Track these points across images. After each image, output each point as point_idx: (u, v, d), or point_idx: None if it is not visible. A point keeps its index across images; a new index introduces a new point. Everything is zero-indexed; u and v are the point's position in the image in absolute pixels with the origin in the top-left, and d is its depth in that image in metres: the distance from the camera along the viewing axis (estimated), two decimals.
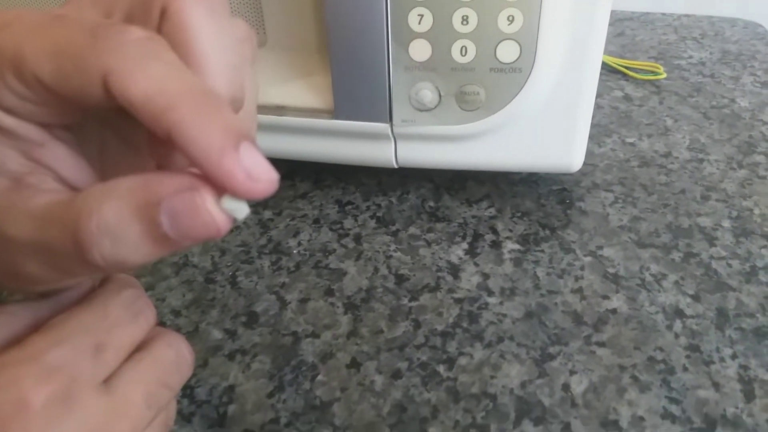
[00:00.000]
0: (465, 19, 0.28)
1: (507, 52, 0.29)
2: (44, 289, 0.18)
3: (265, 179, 0.14)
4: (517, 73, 0.29)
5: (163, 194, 0.14)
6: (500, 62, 0.29)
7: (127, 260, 0.15)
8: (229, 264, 0.33)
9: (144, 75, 0.14)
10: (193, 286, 0.32)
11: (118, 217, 0.14)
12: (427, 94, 0.31)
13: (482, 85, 0.30)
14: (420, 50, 0.29)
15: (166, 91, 0.14)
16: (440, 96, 0.31)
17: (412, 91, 0.31)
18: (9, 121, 0.15)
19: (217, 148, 0.14)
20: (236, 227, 0.36)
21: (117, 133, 0.19)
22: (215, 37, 0.16)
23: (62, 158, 0.17)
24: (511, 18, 0.28)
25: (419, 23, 0.28)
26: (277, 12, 0.32)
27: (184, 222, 0.14)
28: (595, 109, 0.45)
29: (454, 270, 0.32)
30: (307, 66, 0.33)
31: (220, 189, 0.14)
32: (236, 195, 0.14)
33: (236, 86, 0.16)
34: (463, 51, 0.29)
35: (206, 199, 0.14)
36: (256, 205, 0.37)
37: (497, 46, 0.29)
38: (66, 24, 0.14)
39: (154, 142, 0.16)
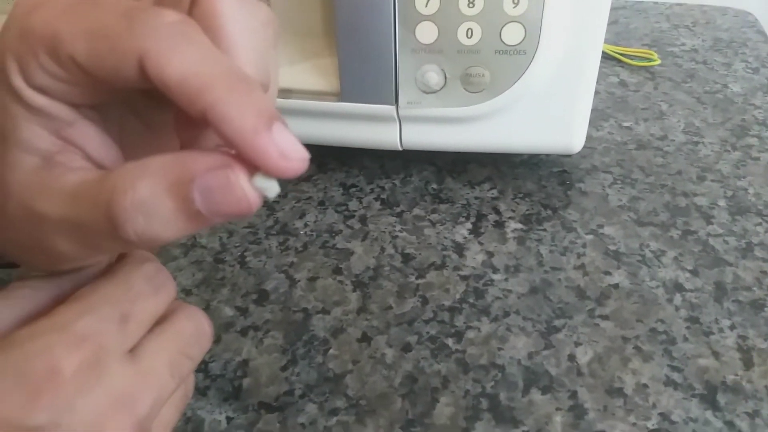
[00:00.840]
0: (471, 2, 0.29)
1: (512, 35, 0.29)
2: (72, 267, 0.18)
3: (297, 158, 0.15)
4: (522, 55, 0.30)
5: (196, 171, 0.14)
6: (505, 44, 0.30)
7: (159, 236, 0.15)
8: (237, 245, 0.34)
9: (180, 57, 0.14)
10: (202, 266, 0.33)
11: (151, 194, 0.15)
12: (433, 76, 0.31)
13: (487, 67, 0.31)
14: (426, 32, 0.30)
15: (202, 72, 0.14)
16: (446, 78, 0.31)
17: (418, 73, 0.31)
18: (41, 100, 0.16)
19: (252, 127, 0.14)
20: None
21: (137, 115, 0.19)
22: (243, 22, 0.16)
23: (90, 137, 0.17)
24: (516, 1, 0.28)
25: (426, 6, 0.29)
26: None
27: (217, 198, 0.15)
28: None
29: (459, 249, 0.33)
30: (313, 49, 0.33)
31: (251, 167, 0.15)
32: (269, 173, 0.15)
33: (262, 69, 0.17)
34: (469, 33, 0.30)
35: (240, 177, 0.14)
36: None
37: (502, 28, 0.29)
38: (100, 6, 0.15)
39: (182, 123, 0.17)
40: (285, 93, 0.34)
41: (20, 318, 0.18)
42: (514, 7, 0.29)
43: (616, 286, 0.30)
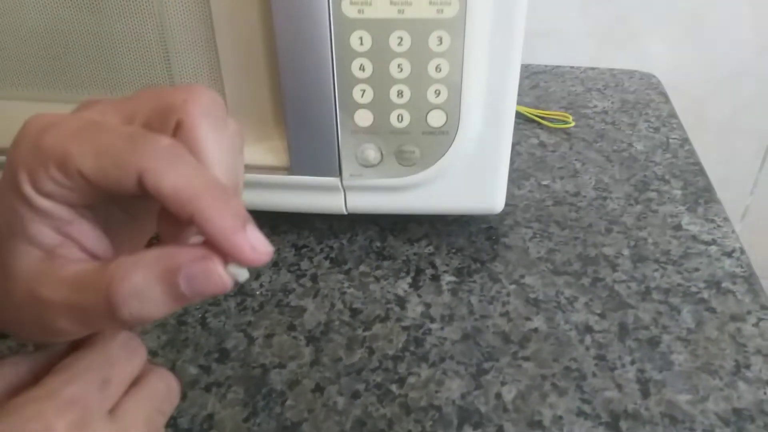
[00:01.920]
0: (400, 93, 0.34)
1: (436, 119, 0.34)
2: (65, 340, 0.22)
3: (264, 251, 0.19)
4: (445, 135, 0.35)
5: (182, 262, 0.18)
6: (431, 127, 0.35)
7: (150, 316, 0.19)
8: (198, 307, 0.37)
9: (173, 173, 0.18)
10: (166, 328, 0.36)
11: (144, 282, 0.18)
12: (371, 153, 0.36)
13: (417, 145, 0.35)
14: (364, 118, 0.35)
15: (191, 185, 0.18)
16: (382, 154, 0.36)
17: (358, 150, 0.36)
18: (46, 203, 0.19)
19: (230, 227, 0.18)
20: None
21: (120, 207, 0.23)
22: (217, 140, 0.20)
23: (85, 232, 0.21)
24: (437, 92, 0.33)
25: (362, 97, 0.34)
26: (237, 84, 0.37)
27: (199, 283, 0.18)
28: (514, 156, 0.51)
29: (401, 301, 0.37)
30: (265, 131, 0.37)
31: (225, 258, 0.18)
32: (242, 263, 0.18)
33: (233, 174, 0.21)
34: (400, 118, 0.34)
35: (217, 265, 0.18)
36: None
37: (428, 114, 0.34)
38: (107, 130, 0.19)
39: (165, 223, 0.20)
40: None
41: (7, 390, 0.21)
42: (436, 97, 0.34)
43: (535, 330, 0.35)
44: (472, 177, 0.38)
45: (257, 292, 0.38)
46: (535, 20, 0.67)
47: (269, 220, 0.43)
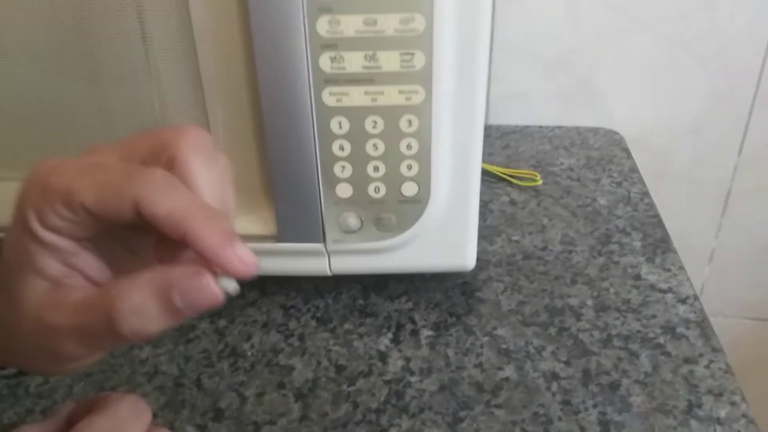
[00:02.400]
0: (376, 168, 0.38)
1: (409, 189, 0.38)
2: (72, 367, 0.24)
3: (251, 263, 0.21)
4: (418, 203, 0.39)
5: (175, 278, 0.21)
6: (405, 196, 0.39)
7: (149, 331, 0.21)
8: (193, 369, 0.40)
9: (166, 198, 0.21)
10: (164, 390, 0.38)
11: (142, 300, 0.21)
12: (352, 221, 0.39)
13: (393, 212, 0.39)
14: (344, 190, 0.38)
15: (183, 207, 0.21)
16: (362, 222, 0.40)
17: (339, 219, 0.40)
18: (52, 237, 0.22)
19: (219, 243, 0.20)
20: (196, 337, 0.42)
21: (121, 242, 0.26)
22: (208, 174, 0.23)
23: (89, 263, 0.23)
24: (409, 166, 0.37)
25: (342, 172, 0.38)
26: (229, 159, 0.41)
27: (193, 297, 0.21)
28: (487, 213, 0.55)
29: (383, 357, 0.40)
30: (254, 202, 0.41)
31: (216, 272, 0.21)
32: (231, 275, 0.21)
33: (223, 202, 0.24)
34: (377, 190, 0.38)
35: (209, 279, 0.21)
36: (212, 315, 0.44)
37: (401, 185, 0.38)
38: (106, 168, 0.22)
39: (161, 246, 0.23)
40: None
41: None
42: (409, 171, 0.38)
43: (507, 379, 0.38)
44: (444, 238, 0.42)
45: (248, 353, 0.41)
46: (504, 84, 0.72)
47: (258, 283, 0.46)
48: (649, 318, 0.43)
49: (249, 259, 0.21)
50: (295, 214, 0.40)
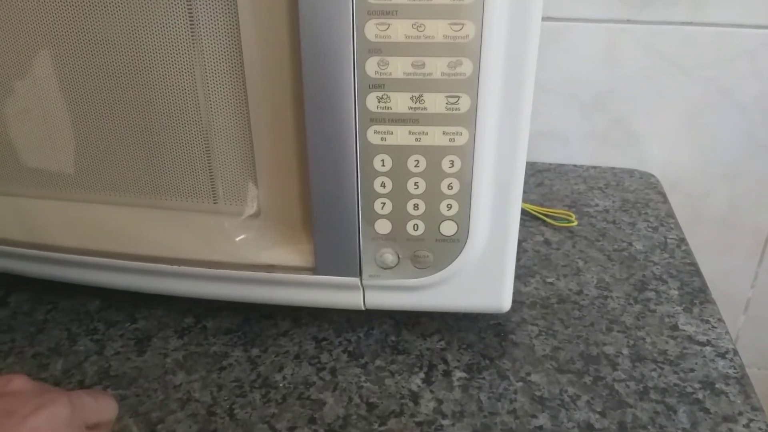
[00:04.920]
0: (416, 206, 0.38)
1: (448, 229, 0.38)
2: None
3: None
4: (456, 243, 0.39)
5: None
6: (443, 235, 0.39)
7: None
8: (226, 398, 0.40)
9: None
10: (197, 418, 0.38)
11: None
12: (389, 257, 0.40)
13: (431, 250, 0.39)
14: (383, 226, 0.39)
15: None
16: (399, 258, 0.40)
17: (377, 254, 0.40)
18: None
19: None
20: (229, 365, 0.43)
21: None
22: None
23: None
24: (449, 206, 0.38)
25: (382, 208, 0.38)
26: (271, 191, 0.41)
27: None
28: (521, 253, 0.55)
29: (415, 397, 0.40)
30: (294, 235, 0.41)
31: None
32: None
33: None
34: (416, 227, 0.38)
35: None
36: (245, 343, 0.44)
37: (440, 224, 0.38)
38: None
39: None
40: (269, 268, 0.41)
41: None
42: (448, 210, 0.38)
43: (540, 428, 0.37)
44: (480, 279, 0.41)
45: (280, 384, 0.41)
46: (540, 122, 0.72)
47: (291, 313, 0.46)
48: (687, 371, 0.42)
49: None
50: (334, 248, 0.40)
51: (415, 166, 0.37)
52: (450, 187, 0.37)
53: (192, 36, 0.37)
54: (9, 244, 0.45)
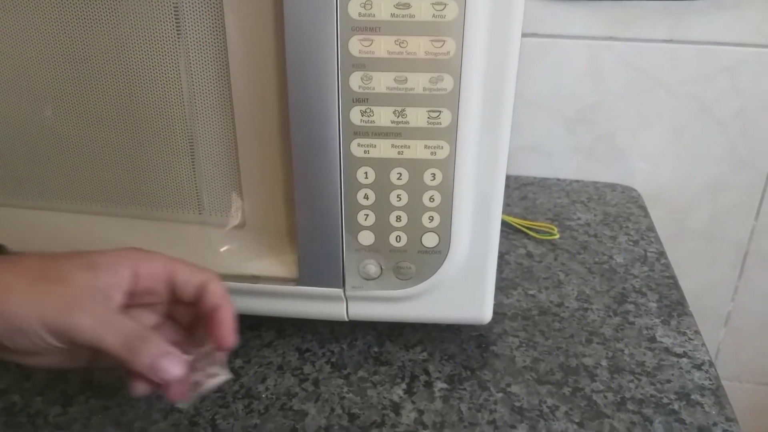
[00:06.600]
0: (398, 218, 0.38)
1: (430, 240, 0.39)
2: (35, 359, 0.30)
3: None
4: (438, 254, 0.40)
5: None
6: (425, 247, 0.39)
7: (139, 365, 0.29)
8: (209, 408, 0.40)
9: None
10: (179, 429, 0.38)
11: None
12: (372, 268, 0.40)
13: (413, 262, 0.40)
14: (366, 238, 0.39)
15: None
16: (382, 269, 0.40)
17: (360, 266, 0.40)
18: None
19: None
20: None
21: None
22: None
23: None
24: (431, 218, 0.38)
25: (365, 220, 0.39)
26: (255, 203, 0.42)
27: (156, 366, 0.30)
28: (504, 265, 0.55)
29: (396, 408, 0.40)
30: (278, 245, 0.42)
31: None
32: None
33: None
34: (398, 239, 0.39)
35: (170, 361, 0.30)
36: (230, 354, 0.44)
37: (422, 236, 0.39)
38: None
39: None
40: (253, 279, 0.42)
41: None
42: (430, 222, 0.38)
43: None
44: (462, 291, 0.42)
45: (263, 395, 0.41)
46: (525, 136, 0.73)
47: (276, 324, 0.47)
48: (663, 383, 0.42)
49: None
50: (317, 259, 0.40)
51: (398, 179, 0.38)
52: (432, 199, 0.38)
53: (178, 49, 0.37)
54: None
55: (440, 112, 0.36)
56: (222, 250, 0.42)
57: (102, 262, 0.31)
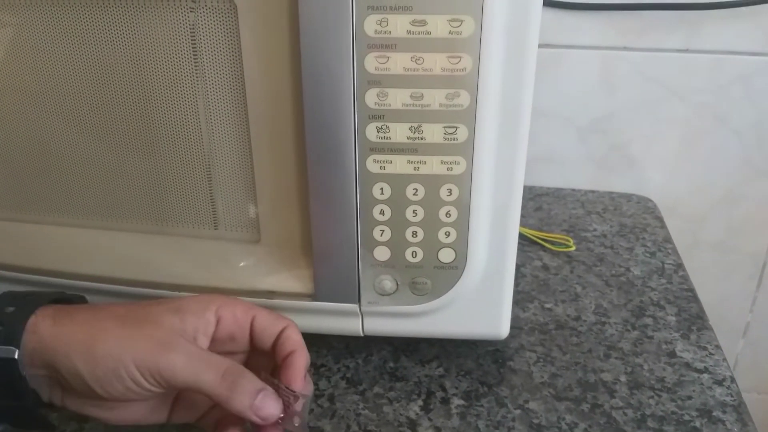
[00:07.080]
0: (414, 234, 0.38)
1: (446, 256, 0.39)
2: (122, 399, 0.29)
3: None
4: (455, 270, 0.39)
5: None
6: (441, 262, 0.39)
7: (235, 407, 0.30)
8: None
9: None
10: None
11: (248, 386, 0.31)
12: (388, 284, 0.40)
13: (429, 277, 0.40)
14: (382, 253, 0.39)
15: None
16: (397, 285, 0.40)
17: (375, 281, 0.40)
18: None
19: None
20: None
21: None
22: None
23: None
24: (447, 233, 0.38)
25: (381, 235, 0.38)
26: (271, 218, 0.42)
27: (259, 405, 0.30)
28: (519, 278, 0.55)
29: (413, 425, 0.40)
30: (294, 261, 0.42)
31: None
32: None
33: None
34: (414, 254, 0.39)
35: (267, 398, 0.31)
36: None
37: (439, 251, 0.39)
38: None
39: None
40: (269, 294, 0.42)
41: None
42: (446, 238, 0.38)
43: None
44: (479, 306, 0.42)
45: None
46: (538, 147, 0.73)
47: None
48: (684, 399, 0.42)
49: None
50: (333, 274, 0.40)
51: (414, 195, 0.37)
52: (448, 214, 0.38)
53: (196, 68, 0.37)
54: (8, 269, 0.45)
55: (456, 127, 0.36)
56: (238, 265, 0.42)
57: (188, 307, 0.31)
